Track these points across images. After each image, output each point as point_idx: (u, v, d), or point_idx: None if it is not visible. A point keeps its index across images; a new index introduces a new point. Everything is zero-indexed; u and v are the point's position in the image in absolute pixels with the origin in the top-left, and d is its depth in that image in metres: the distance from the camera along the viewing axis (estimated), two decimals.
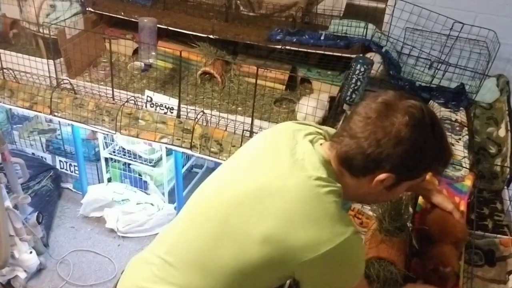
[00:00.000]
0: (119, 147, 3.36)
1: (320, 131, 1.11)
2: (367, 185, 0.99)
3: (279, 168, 0.99)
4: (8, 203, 2.49)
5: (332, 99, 2.10)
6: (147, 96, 2.14)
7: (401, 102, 0.94)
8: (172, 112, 2.12)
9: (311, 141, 1.04)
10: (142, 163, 3.32)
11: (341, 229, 0.93)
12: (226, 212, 1.00)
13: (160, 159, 3.34)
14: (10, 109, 3.28)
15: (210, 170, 2.88)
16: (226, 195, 1.02)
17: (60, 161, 3.55)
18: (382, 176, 0.95)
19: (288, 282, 1.26)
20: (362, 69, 1.87)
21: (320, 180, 0.95)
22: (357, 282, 1.01)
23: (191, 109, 2.14)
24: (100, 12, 2.55)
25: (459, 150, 1.74)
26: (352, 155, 0.96)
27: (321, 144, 1.05)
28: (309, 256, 0.91)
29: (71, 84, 2.32)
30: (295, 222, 0.92)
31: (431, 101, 2.08)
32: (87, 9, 2.54)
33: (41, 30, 2.44)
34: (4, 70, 2.37)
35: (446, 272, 1.25)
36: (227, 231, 0.98)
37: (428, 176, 1.52)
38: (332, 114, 2.05)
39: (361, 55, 2.08)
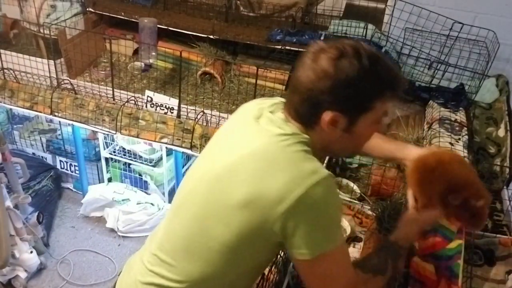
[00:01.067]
0: (120, 147, 3.37)
1: (283, 100, 1.13)
2: (324, 133, 1.00)
3: (247, 137, 1.03)
4: (8, 203, 2.49)
5: None
6: (147, 96, 2.14)
7: (326, 46, 0.99)
8: (172, 112, 2.12)
9: (272, 112, 1.08)
10: (142, 163, 3.33)
11: (308, 172, 0.93)
12: (206, 192, 1.03)
13: (160, 159, 3.34)
14: (11, 109, 3.28)
15: None
16: (206, 177, 1.05)
17: (60, 161, 3.55)
18: (326, 116, 0.97)
19: (287, 281, 1.26)
20: None
21: (284, 135, 0.99)
22: (341, 246, 0.98)
23: (191, 109, 2.15)
24: (101, 13, 2.56)
25: (459, 150, 1.74)
26: (298, 107, 1.01)
27: (282, 112, 1.08)
28: (284, 206, 0.91)
29: (71, 84, 2.32)
30: (265, 177, 0.94)
31: (430, 101, 2.08)
32: (87, 9, 2.55)
33: (41, 30, 2.45)
34: (5, 70, 2.38)
35: (479, 208, 1.00)
36: (210, 210, 1.01)
37: None
38: None
39: None
